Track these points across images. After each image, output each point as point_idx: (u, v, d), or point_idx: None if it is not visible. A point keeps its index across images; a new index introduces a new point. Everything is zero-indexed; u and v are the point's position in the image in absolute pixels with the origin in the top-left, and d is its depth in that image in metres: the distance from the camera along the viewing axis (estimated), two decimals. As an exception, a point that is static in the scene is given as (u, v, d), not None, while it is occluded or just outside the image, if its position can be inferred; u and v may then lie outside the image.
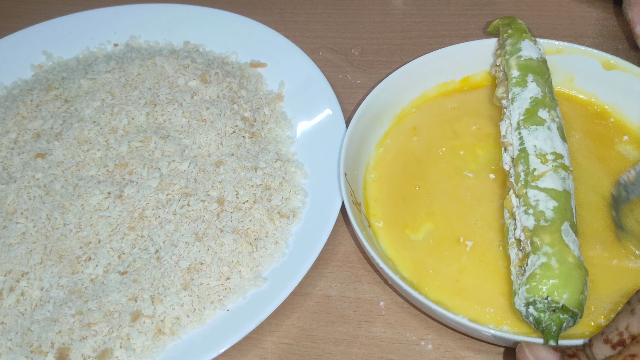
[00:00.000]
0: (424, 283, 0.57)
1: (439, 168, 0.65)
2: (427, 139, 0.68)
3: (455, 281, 0.57)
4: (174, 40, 0.83)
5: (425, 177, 0.65)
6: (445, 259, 0.58)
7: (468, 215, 0.61)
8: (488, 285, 0.56)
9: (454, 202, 0.62)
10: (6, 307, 0.57)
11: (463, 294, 0.56)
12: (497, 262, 0.57)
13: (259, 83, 0.77)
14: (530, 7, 0.87)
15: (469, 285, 0.56)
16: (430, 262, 0.58)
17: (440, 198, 0.63)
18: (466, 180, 0.64)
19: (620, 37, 0.80)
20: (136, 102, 0.70)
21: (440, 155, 0.66)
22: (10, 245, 0.60)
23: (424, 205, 0.63)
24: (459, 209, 0.62)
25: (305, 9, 0.91)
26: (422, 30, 0.86)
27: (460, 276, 0.57)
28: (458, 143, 0.67)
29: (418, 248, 0.60)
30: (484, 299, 0.55)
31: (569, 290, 0.48)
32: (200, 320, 0.56)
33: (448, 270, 0.58)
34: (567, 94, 0.71)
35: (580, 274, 0.49)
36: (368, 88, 0.78)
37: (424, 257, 0.59)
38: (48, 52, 0.82)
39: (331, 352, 0.56)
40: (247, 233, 0.61)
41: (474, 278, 0.57)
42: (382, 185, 0.65)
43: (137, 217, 0.61)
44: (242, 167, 0.65)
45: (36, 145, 0.67)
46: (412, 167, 0.66)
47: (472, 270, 0.57)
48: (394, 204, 0.63)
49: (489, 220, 0.60)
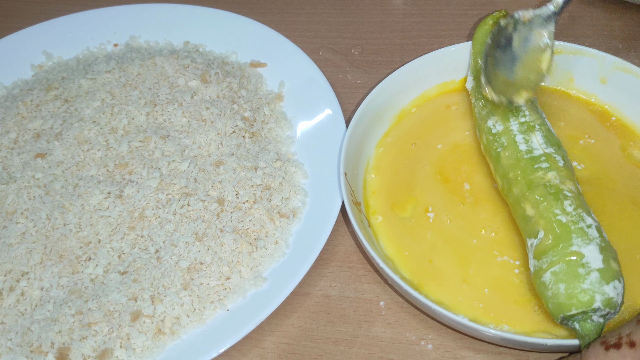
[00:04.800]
0: (424, 282, 0.57)
1: (439, 168, 0.66)
2: (427, 139, 0.68)
3: (462, 281, 0.57)
4: (174, 40, 0.83)
5: (425, 177, 0.65)
6: (450, 259, 0.59)
7: (471, 216, 0.61)
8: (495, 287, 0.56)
9: (459, 205, 0.62)
10: (6, 307, 0.57)
11: (465, 294, 0.56)
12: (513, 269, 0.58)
13: (259, 83, 0.77)
14: (530, 7, 0.86)
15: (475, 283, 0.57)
16: (432, 258, 0.59)
17: (441, 199, 0.63)
18: (467, 180, 0.64)
19: (620, 37, 0.80)
20: (136, 102, 0.70)
21: (441, 155, 0.66)
22: (10, 245, 0.60)
23: (423, 203, 0.63)
24: (463, 209, 0.62)
25: (305, 9, 0.91)
26: (422, 30, 0.86)
27: (466, 275, 0.57)
28: (458, 143, 0.67)
29: (417, 241, 0.60)
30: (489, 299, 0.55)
31: (570, 299, 0.48)
32: (200, 320, 0.56)
33: (453, 271, 0.58)
34: (567, 94, 0.71)
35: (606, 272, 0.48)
36: (368, 88, 0.78)
37: (424, 252, 0.59)
38: (48, 52, 0.82)
39: (331, 352, 0.56)
40: (247, 233, 0.61)
41: (482, 278, 0.57)
42: (382, 185, 0.65)
43: (137, 217, 0.61)
44: (242, 167, 0.65)
45: (36, 145, 0.67)
46: (412, 167, 0.66)
47: (481, 270, 0.58)
48: (392, 194, 0.64)
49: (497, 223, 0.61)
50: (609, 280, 0.48)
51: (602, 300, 0.47)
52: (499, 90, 0.57)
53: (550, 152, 0.56)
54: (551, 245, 0.51)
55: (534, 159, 0.56)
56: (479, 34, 0.68)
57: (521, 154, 0.57)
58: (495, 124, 0.60)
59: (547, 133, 0.58)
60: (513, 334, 0.50)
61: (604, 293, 0.47)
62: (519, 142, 0.57)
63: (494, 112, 0.61)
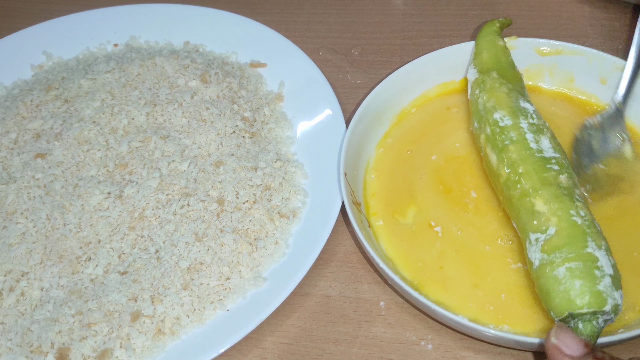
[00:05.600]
0: (423, 282, 0.57)
1: (439, 168, 0.65)
2: (427, 139, 0.68)
3: (473, 285, 0.57)
4: (174, 40, 0.83)
5: (425, 177, 0.65)
6: (452, 261, 0.59)
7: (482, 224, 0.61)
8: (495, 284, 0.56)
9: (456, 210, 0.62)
10: (6, 307, 0.57)
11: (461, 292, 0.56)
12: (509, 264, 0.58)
13: (259, 83, 0.77)
14: (531, 7, 0.87)
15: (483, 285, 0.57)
16: (428, 258, 0.58)
17: (441, 199, 0.63)
18: (467, 180, 0.64)
19: (620, 37, 0.80)
20: (136, 102, 0.70)
21: (441, 155, 0.66)
22: (10, 245, 0.60)
23: (423, 204, 0.63)
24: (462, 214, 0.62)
25: (305, 9, 0.91)
26: (422, 30, 0.86)
27: (474, 278, 0.57)
28: (458, 143, 0.67)
29: (418, 244, 0.60)
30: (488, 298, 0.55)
31: (583, 296, 0.48)
32: (200, 320, 0.56)
33: (461, 276, 0.58)
34: (567, 94, 0.71)
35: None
36: (368, 88, 0.78)
37: (423, 254, 0.59)
38: (48, 52, 0.82)
39: (331, 352, 0.56)
40: (247, 233, 0.61)
41: (490, 280, 0.57)
42: (382, 185, 0.65)
43: (137, 217, 0.61)
44: (242, 167, 0.65)
45: (36, 145, 0.67)
46: (412, 167, 0.66)
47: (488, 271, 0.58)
48: (392, 200, 0.63)
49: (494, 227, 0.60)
50: (617, 287, 0.48)
51: (612, 304, 0.48)
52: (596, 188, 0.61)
53: (558, 157, 0.56)
54: (565, 242, 0.50)
55: (545, 159, 0.56)
56: (485, 32, 0.68)
57: (532, 151, 0.56)
58: (502, 118, 0.59)
59: (553, 139, 0.58)
60: (513, 334, 0.50)
61: (614, 298, 0.48)
62: (530, 141, 0.57)
63: (501, 106, 0.60)
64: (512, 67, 0.65)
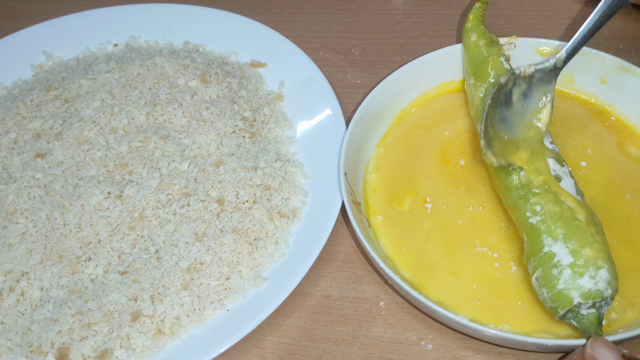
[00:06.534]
0: (423, 281, 0.57)
1: (438, 168, 0.66)
2: (427, 139, 0.68)
3: (451, 274, 0.57)
4: (174, 40, 0.83)
5: (426, 163, 0.66)
6: (441, 248, 0.59)
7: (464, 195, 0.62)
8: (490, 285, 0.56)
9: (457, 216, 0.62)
10: (6, 307, 0.57)
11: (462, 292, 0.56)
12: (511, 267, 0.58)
13: (259, 83, 0.77)
14: (531, 6, 0.87)
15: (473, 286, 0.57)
16: (431, 257, 0.59)
17: (437, 183, 0.64)
18: (468, 181, 0.64)
19: (620, 37, 0.80)
20: (136, 102, 0.70)
21: (441, 155, 0.66)
22: (10, 245, 0.60)
23: (422, 204, 0.63)
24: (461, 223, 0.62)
25: (305, 9, 0.91)
26: (422, 30, 0.86)
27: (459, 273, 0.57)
28: (459, 143, 0.67)
29: (414, 233, 0.60)
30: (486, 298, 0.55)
31: (553, 301, 0.49)
32: (200, 320, 0.56)
33: (443, 263, 0.58)
34: (567, 94, 0.71)
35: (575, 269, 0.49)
36: (368, 88, 0.78)
37: (419, 244, 0.60)
38: (48, 52, 0.82)
39: (331, 352, 0.56)
40: (247, 233, 0.61)
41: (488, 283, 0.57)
42: (382, 183, 0.65)
43: (137, 217, 0.61)
44: (242, 167, 0.65)
45: (36, 145, 0.67)
46: (412, 167, 0.66)
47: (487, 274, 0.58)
48: (392, 190, 0.64)
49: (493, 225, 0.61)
50: (582, 273, 0.48)
51: (580, 294, 0.48)
52: (498, 151, 0.56)
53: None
54: (530, 250, 0.52)
55: (504, 168, 0.56)
56: (463, 32, 0.70)
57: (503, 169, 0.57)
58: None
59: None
60: (513, 334, 0.50)
61: (579, 287, 0.48)
62: None
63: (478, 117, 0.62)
64: (484, 60, 0.65)
